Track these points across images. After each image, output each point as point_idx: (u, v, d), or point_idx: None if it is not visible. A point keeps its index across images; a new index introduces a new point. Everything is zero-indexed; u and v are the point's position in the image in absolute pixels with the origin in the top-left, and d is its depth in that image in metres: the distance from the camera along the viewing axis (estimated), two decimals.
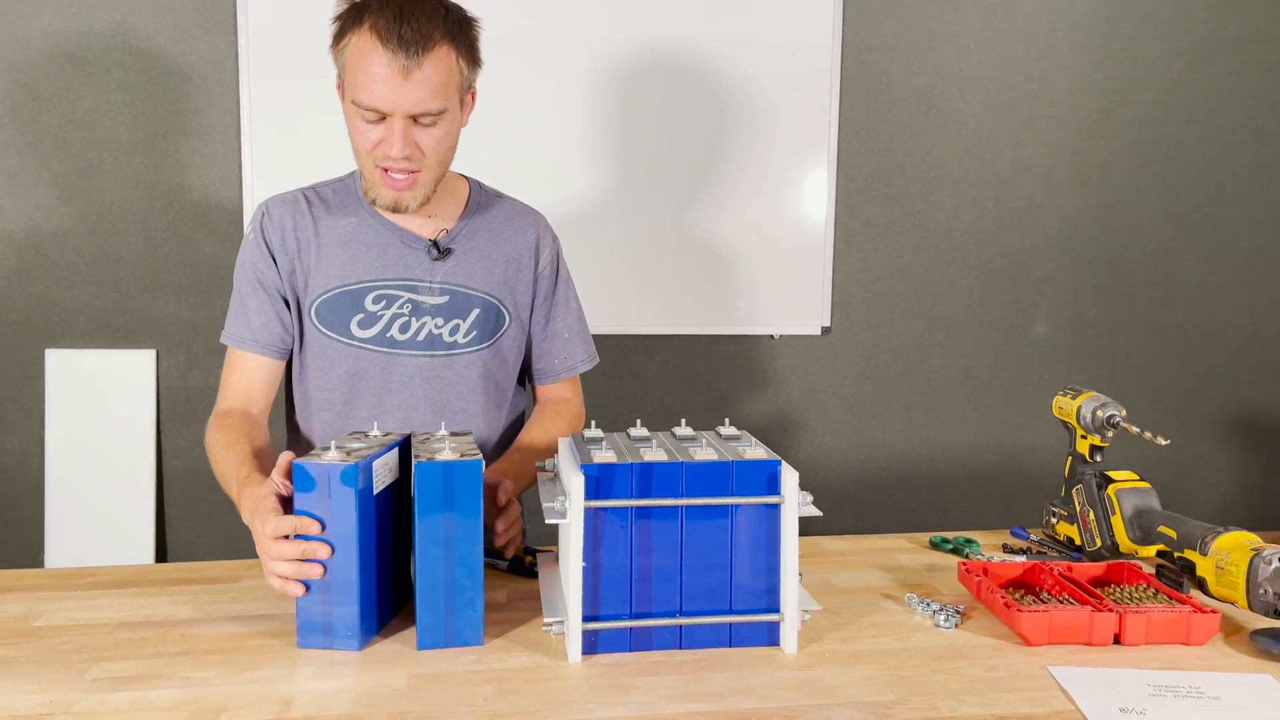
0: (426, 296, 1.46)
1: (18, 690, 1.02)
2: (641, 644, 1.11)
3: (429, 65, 1.29)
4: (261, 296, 1.46)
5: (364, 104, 1.31)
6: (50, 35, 2.28)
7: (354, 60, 1.31)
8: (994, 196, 2.68)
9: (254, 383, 1.47)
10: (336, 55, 1.35)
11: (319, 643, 1.12)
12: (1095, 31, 2.66)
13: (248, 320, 1.47)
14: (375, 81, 1.29)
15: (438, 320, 1.46)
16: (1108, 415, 1.45)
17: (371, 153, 1.35)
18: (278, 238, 1.46)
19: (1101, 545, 1.42)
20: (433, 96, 1.31)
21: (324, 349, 1.46)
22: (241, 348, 1.47)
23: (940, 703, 1.00)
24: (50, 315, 2.35)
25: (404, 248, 1.46)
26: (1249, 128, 2.76)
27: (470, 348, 1.49)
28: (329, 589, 1.11)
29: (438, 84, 1.31)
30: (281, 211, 1.47)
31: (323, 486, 1.10)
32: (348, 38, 1.31)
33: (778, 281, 2.58)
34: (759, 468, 1.12)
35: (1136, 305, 2.79)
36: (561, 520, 1.09)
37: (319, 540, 1.09)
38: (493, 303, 1.49)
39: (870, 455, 2.68)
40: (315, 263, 1.45)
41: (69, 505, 2.34)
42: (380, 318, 1.45)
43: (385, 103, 1.30)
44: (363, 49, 1.29)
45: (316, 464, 1.09)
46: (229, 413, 1.44)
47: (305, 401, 1.50)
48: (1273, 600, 1.12)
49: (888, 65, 2.59)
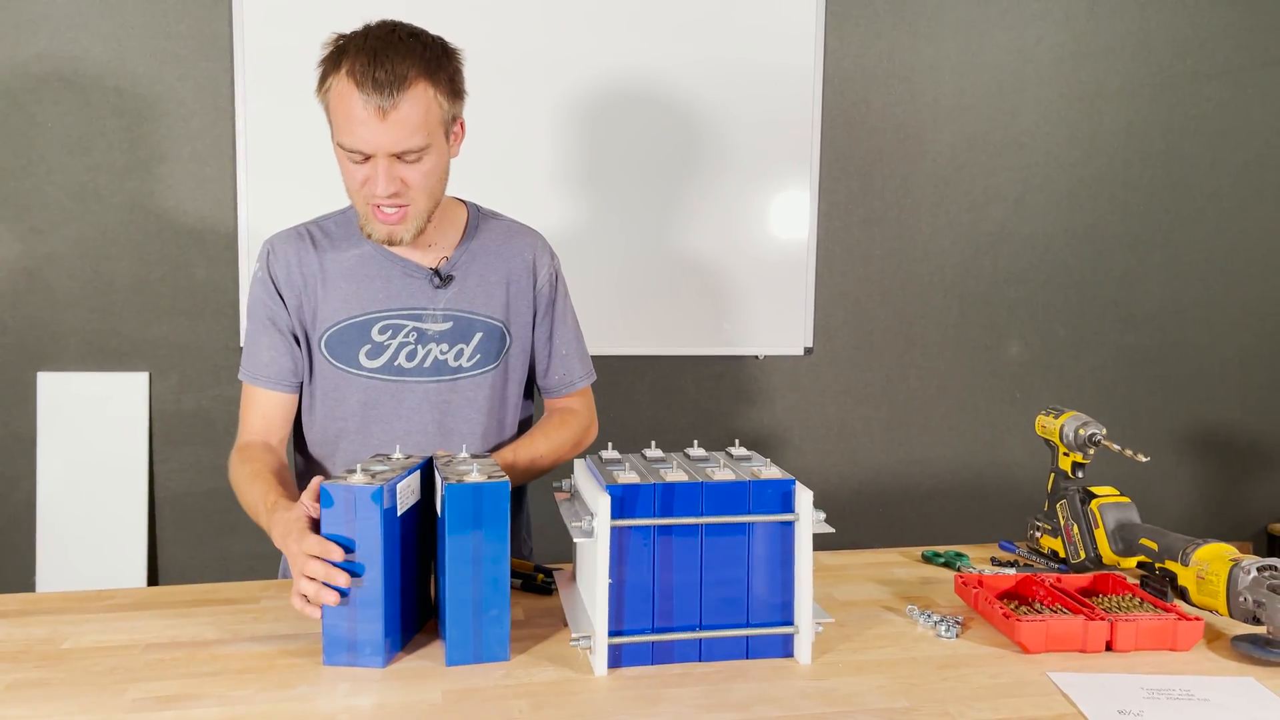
0: (431, 324, 1.50)
1: (60, 712, 1.04)
2: (663, 657, 1.16)
3: (405, 104, 1.32)
4: (273, 334, 1.49)
5: (347, 146, 1.34)
6: (45, 60, 2.30)
7: (335, 104, 1.34)
8: (968, 221, 2.78)
9: (271, 416, 1.51)
10: (321, 99, 1.38)
11: (344, 660, 1.15)
12: (1063, 66, 2.78)
13: (259, 357, 1.50)
14: (355, 124, 1.32)
15: (443, 346, 1.50)
16: (1089, 434, 1.52)
17: (360, 191, 1.39)
18: (284, 274, 1.49)
19: (1085, 557, 1.49)
20: (412, 134, 1.34)
21: (335, 380, 1.49)
22: (256, 384, 1.50)
23: (952, 708, 1.06)
24: (43, 338, 2.36)
25: (406, 278, 1.49)
26: (1207, 158, 2.89)
27: (475, 371, 1.52)
28: (356, 607, 1.14)
29: (416, 122, 1.33)
30: (286, 248, 1.50)
31: (350, 508, 1.13)
32: (329, 82, 1.35)
33: (762, 303, 2.65)
34: (775, 487, 1.17)
35: (1103, 326, 2.90)
36: (589, 539, 1.14)
37: (342, 567, 1.13)
38: (495, 325, 1.54)
39: (852, 472, 2.75)
40: (322, 297, 1.48)
41: (60, 528, 2.34)
42: (387, 348, 1.48)
43: (366, 144, 1.33)
44: (342, 93, 1.33)
45: (344, 486, 1.13)
46: (250, 445, 1.48)
47: (318, 430, 1.54)
48: (1252, 608, 1.20)
49: (867, 95, 2.68)
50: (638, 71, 2.53)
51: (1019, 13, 2.74)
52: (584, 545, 1.22)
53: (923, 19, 2.69)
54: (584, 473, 1.27)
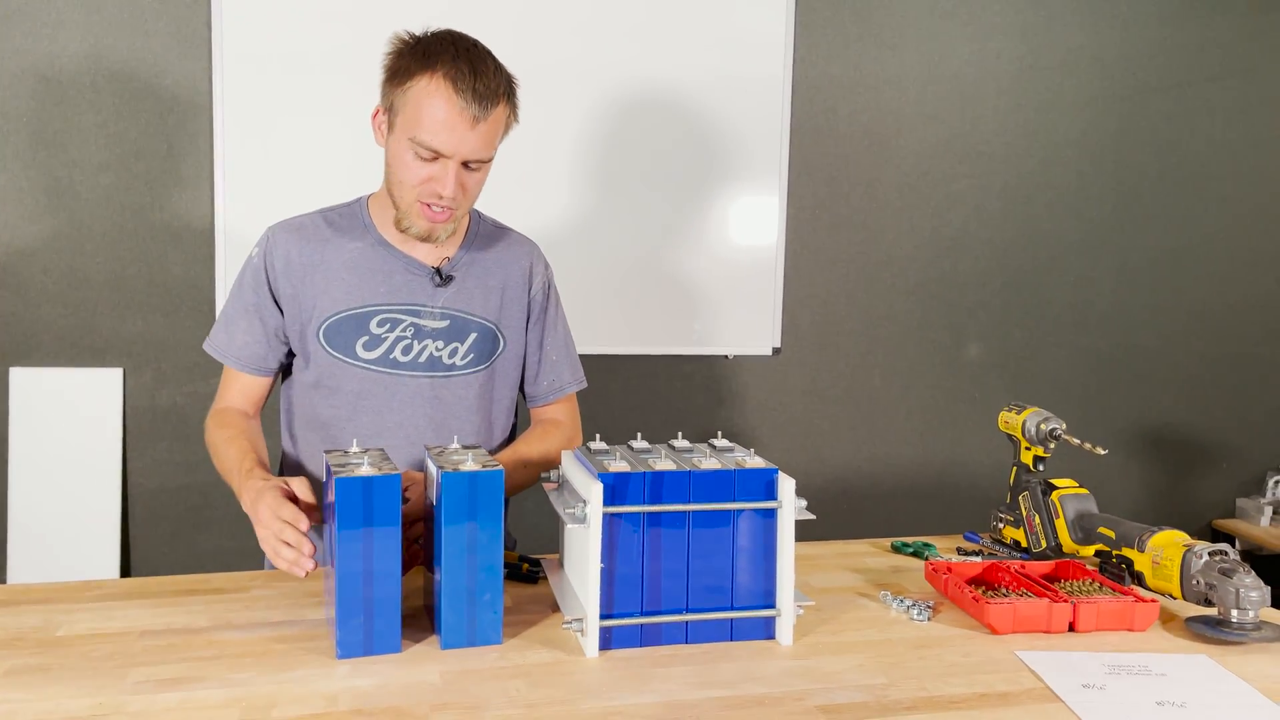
0: (428, 320, 1.53)
1: (64, 695, 1.06)
2: (651, 639, 1.21)
3: (493, 118, 1.40)
4: (253, 319, 1.53)
5: (425, 143, 1.38)
6: (21, 55, 2.29)
7: (421, 101, 1.38)
8: (930, 226, 2.86)
9: (249, 393, 1.57)
10: (395, 91, 1.41)
11: (360, 653, 1.16)
12: (1020, 78, 2.88)
13: (235, 338, 1.54)
14: (442, 126, 1.37)
15: (438, 343, 1.54)
16: (1050, 429, 1.60)
17: (419, 187, 1.43)
18: (281, 264, 1.52)
19: (1046, 546, 1.56)
20: (488, 146, 1.42)
21: (330, 368, 1.52)
22: (224, 361, 1.56)
23: (928, 684, 1.12)
24: (16, 333, 2.34)
25: (408, 274, 1.53)
26: (1155, 167, 3.01)
27: (468, 370, 1.56)
28: (372, 603, 1.16)
29: (494, 136, 1.43)
30: (288, 238, 1.53)
31: (368, 503, 1.14)
32: (416, 80, 1.38)
33: (731, 304, 2.71)
34: (759, 475, 1.23)
35: (1057, 328, 3.00)
36: (581, 525, 1.18)
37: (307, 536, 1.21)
38: (489, 327, 1.58)
39: (817, 469, 2.82)
40: (323, 287, 1.51)
41: (33, 524, 2.32)
42: (384, 340, 1.52)
43: (448, 146, 1.39)
44: (435, 92, 1.37)
45: (365, 478, 1.14)
46: (228, 410, 1.54)
47: (309, 417, 1.56)
48: (1204, 590, 1.27)
49: (834, 103, 2.76)
50: (613, 80, 2.58)
51: (979, 26, 2.83)
52: (576, 531, 1.26)
53: (888, 31, 2.77)
54: (573, 463, 1.31)
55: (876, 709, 1.05)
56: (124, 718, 1.01)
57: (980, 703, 1.07)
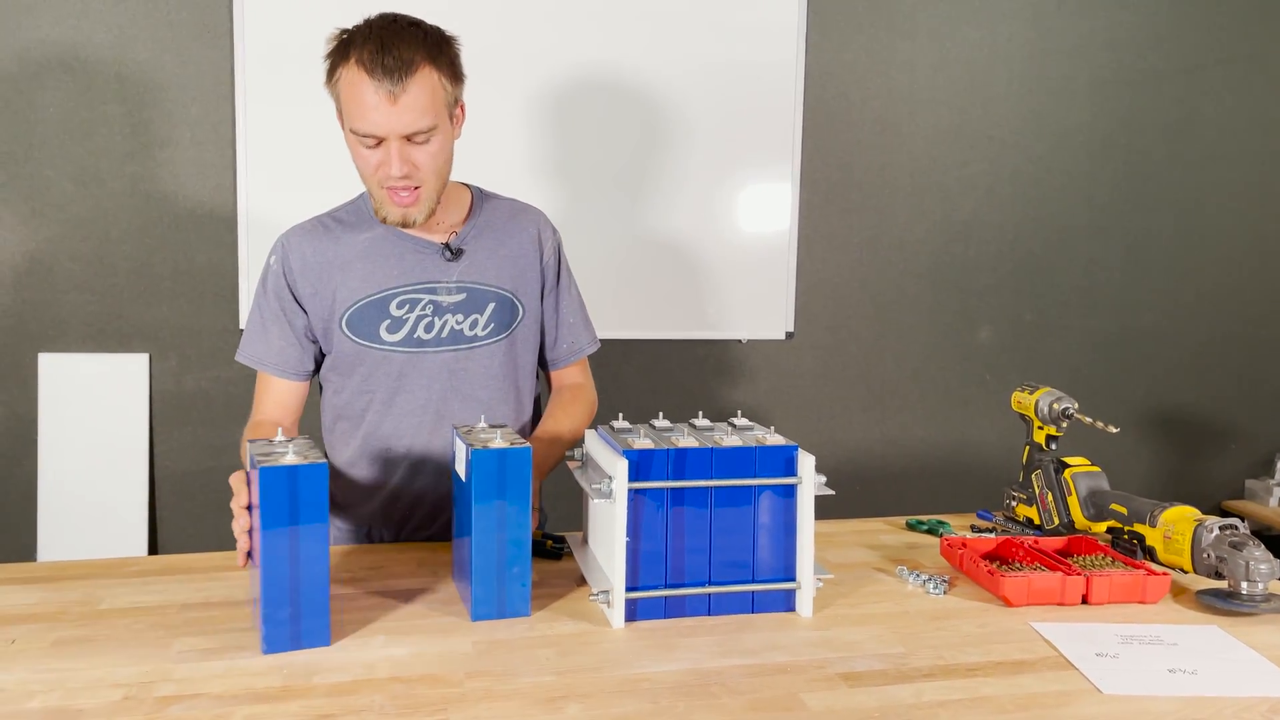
0: (445, 296, 1.56)
1: (111, 664, 1.09)
2: (675, 611, 1.25)
3: (414, 88, 1.39)
4: (283, 324, 1.56)
5: (360, 131, 1.41)
6: (48, 46, 2.33)
7: (346, 92, 1.41)
8: (942, 211, 2.89)
9: (285, 403, 1.58)
10: (331, 90, 1.45)
11: (289, 647, 1.14)
12: (1031, 63, 2.89)
13: (270, 344, 1.56)
14: (367, 109, 1.39)
15: (458, 317, 1.57)
16: (1063, 408, 1.62)
17: (374, 175, 1.46)
18: (299, 265, 1.55)
19: (1059, 523, 1.59)
20: (421, 116, 1.41)
21: (358, 356, 1.56)
22: (262, 369, 1.57)
23: (945, 653, 1.15)
24: (44, 320, 2.39)
25: (419, 254, 1.56)
26: (1165, 151, 3.03)
27: (490, 339, 1.59)
28: (299, 595, 1.13)
29: (424, 104, 1.41)
30: (301, 241, 1.56)
31: (293, 494, 1.12)
32: (339, 72, 1.42)
33: (745, 289, 2.74)
34: (779, 452, 1.26)
35: (1067, 312, 3.02)
36: (607, 500, 1.22)
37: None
38: (506, 296, 1.60)
39: (830, 451, 2.86)
40: (341, 280, 1.54)
41: (61, 507, 2.37)
42: (406, 321, 1.55)
43: (379, 128, 1.40)
44: (352, 81, 1.40)
45: (290, 468, 1.11)
46: (263, 424, 1.55)
47: (346, 407, 1.60)
48: (1215, 563, 1.31)
49: (846, 88, 2.78)
50: (628, 68, 2.60)
51: (990, 12, 2.85)
52: (601, 507, 1.29)
53: (900, 16, 2.79)
54: (597, 441, 1.34)
55: (896, 676, 1.09)
56: (172, 684, 1.05)
57: (997, 670, 1.11)
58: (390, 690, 1.04)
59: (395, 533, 1.64)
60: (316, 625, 1.15)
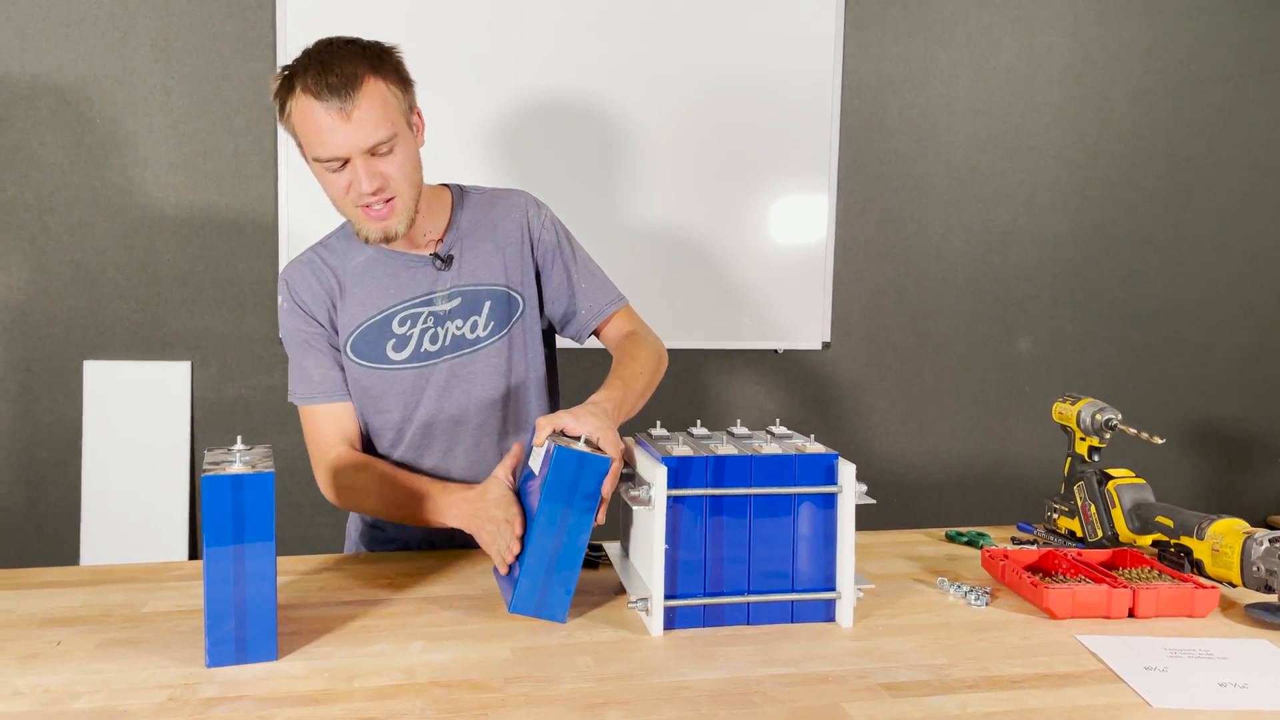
0: (442, 304, 1.56)
1: (155, 665, 1.11)
2: (714, 620, 1.24)
3: (364, 101, 1.38)
4: (316, 354, 1.56)
5: (323, 157, 1.40)
6: (94, 59, 2.37)
7: (301, 122, 1.41)
8: (980, 221, 2.86)
9: (344, 422, 1.57)
10: (286, 126, 1.45)
11: (233, 661, 1.12)
12: (1071, 71, 2.87)
13: (309, 377, 1.56)
14: (324, 132, 1.38)
15: (458, 322, 1.56)
16: (1105, 419, 1.60)
17: (346, 197, 1.45)
18: (309, 297, 1.55)
19: (1103, 536, 1.57)
20: (377, 128, 1.40)
21: (369, 380, 1.56)
22: (313, 403, 1.56)
23: (989, 665, 1.13)
24: (90, 327, 2.43)
25: (411, 269, 1.56)
26: (1208, 161, 2.98)
27: (491, 338, 1.58)
28: (244, 608, 1.13)
29: (378, 115, 1.40)
30: (300, 274, 1.57)
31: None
32: (289, 106, 1.42)
33: (782, 299, 2.73)
34: (819, 460, 1.25)
35: (1108, 323, 2.98)
36: (646, 507, 1.21)
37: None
38: (501, 291, 1.59)
39: (868, 462, 2.83)
40: (343, 306, 1.55)
41: (104, 513, 2.41)
42: (410, 337, 1.55)
43: (339, 149, 1.39)
44: (303, 109, 1.39)
45: (235, 476, 1.12)
46: (343, 458, 1.53)
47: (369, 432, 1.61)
48: (1265, 576, 1.28)
49: (884, 98, 2.77)
50: (666, 78, 2.61)
51: (1030, 20, 2.83)
52: (640, 515, 1.29)
53: (938, 26, 2.78)
54: (635, 448, 1.34)
55: (940, 687, 1.07)
56: (215, 686, 1.06)
57: (1042, 683, 1.09)
58: (431, 695, 1.04)
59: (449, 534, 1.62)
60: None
